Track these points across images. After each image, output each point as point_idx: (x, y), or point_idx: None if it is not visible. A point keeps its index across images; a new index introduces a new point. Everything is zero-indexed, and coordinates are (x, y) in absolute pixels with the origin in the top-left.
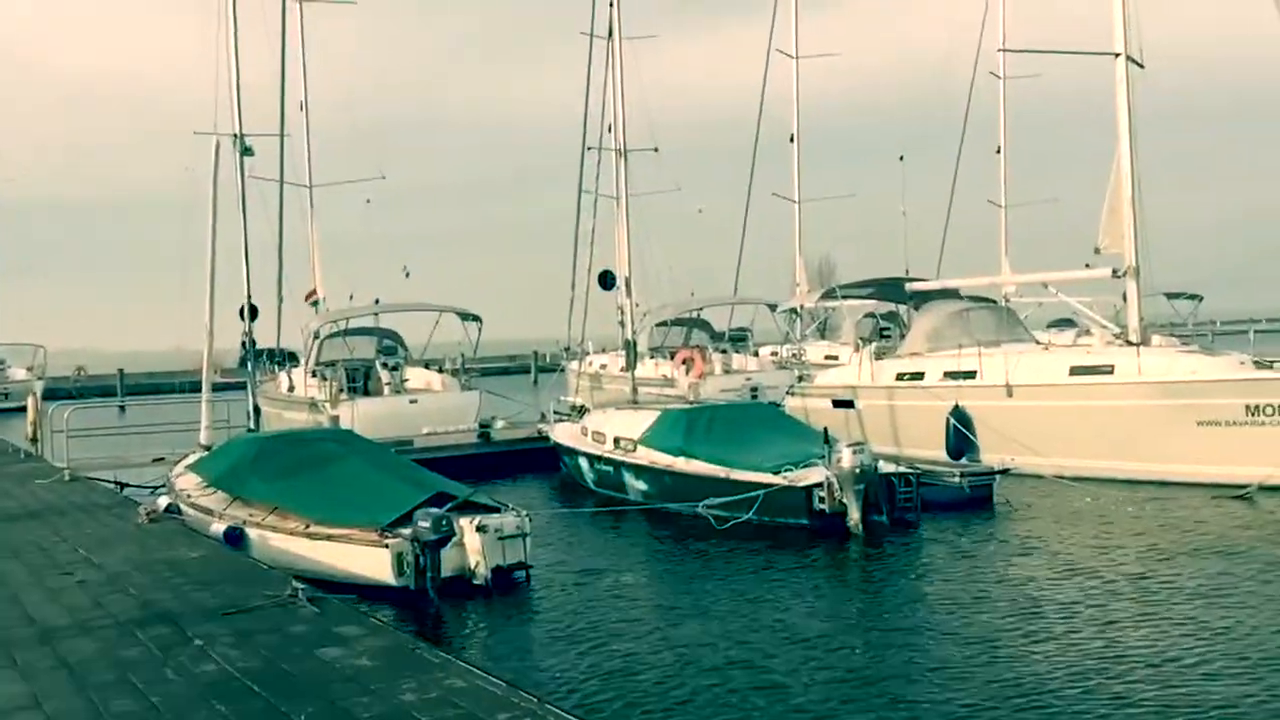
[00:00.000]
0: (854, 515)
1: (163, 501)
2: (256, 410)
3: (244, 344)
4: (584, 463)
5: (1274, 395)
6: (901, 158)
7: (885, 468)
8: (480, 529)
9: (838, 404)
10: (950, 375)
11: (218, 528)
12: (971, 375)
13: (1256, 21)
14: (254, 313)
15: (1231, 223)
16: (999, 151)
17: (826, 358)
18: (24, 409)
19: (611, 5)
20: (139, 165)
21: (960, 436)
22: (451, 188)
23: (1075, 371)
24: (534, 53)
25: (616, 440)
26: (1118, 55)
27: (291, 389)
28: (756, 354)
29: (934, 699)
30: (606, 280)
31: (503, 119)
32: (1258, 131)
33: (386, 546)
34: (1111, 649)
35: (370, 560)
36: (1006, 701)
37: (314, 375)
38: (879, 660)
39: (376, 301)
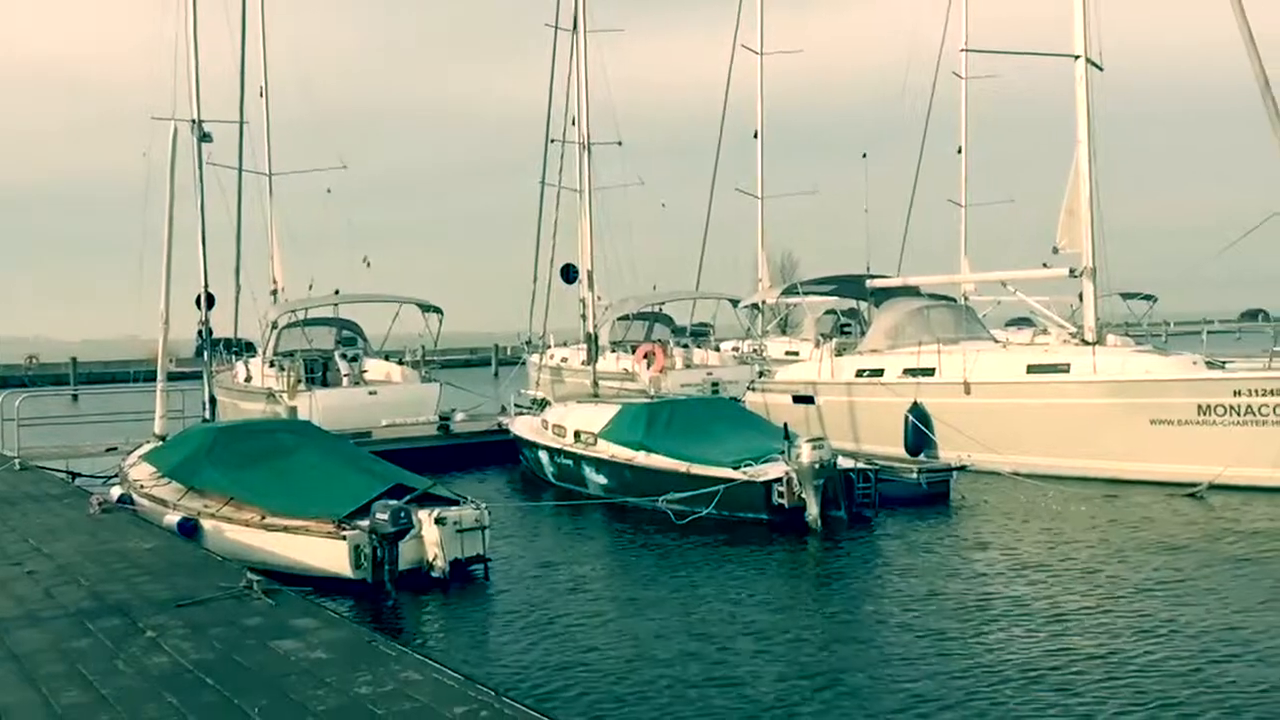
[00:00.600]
0: (813, 510)
1: (115, 492)
2: (212, 400)
3: (200, 333)
4: (544, 456)
5: (1225, 395)
6: (864, 155)
7: (844, 463)
8: (439, 521)
9: (798, 399)
10: (909, 372)
11: (171, 518)
12: (930, 372)
13: (1213, 27)
14: (211, 301)
15: (1185, 224)
16: (960, 151)
17: (787, 353)
18: None
19: None
20: (92, 151)
21: (919, 433)
22: (414, 178)
23: (1032, 370)
24: (498, 45)
25: (577, 434)
26: (1077, 57)
27: (248, 379)
28: (718, 349)
29: (884, 689)
30: (569, 273)
31: (466, 110)
32: (1211, 135)
33: (344, 538)
34: (1058, 641)
35: (327, 552)
36: (955, 690)
37: (271, 365)
38: (832, 652)
39: (336, 292)
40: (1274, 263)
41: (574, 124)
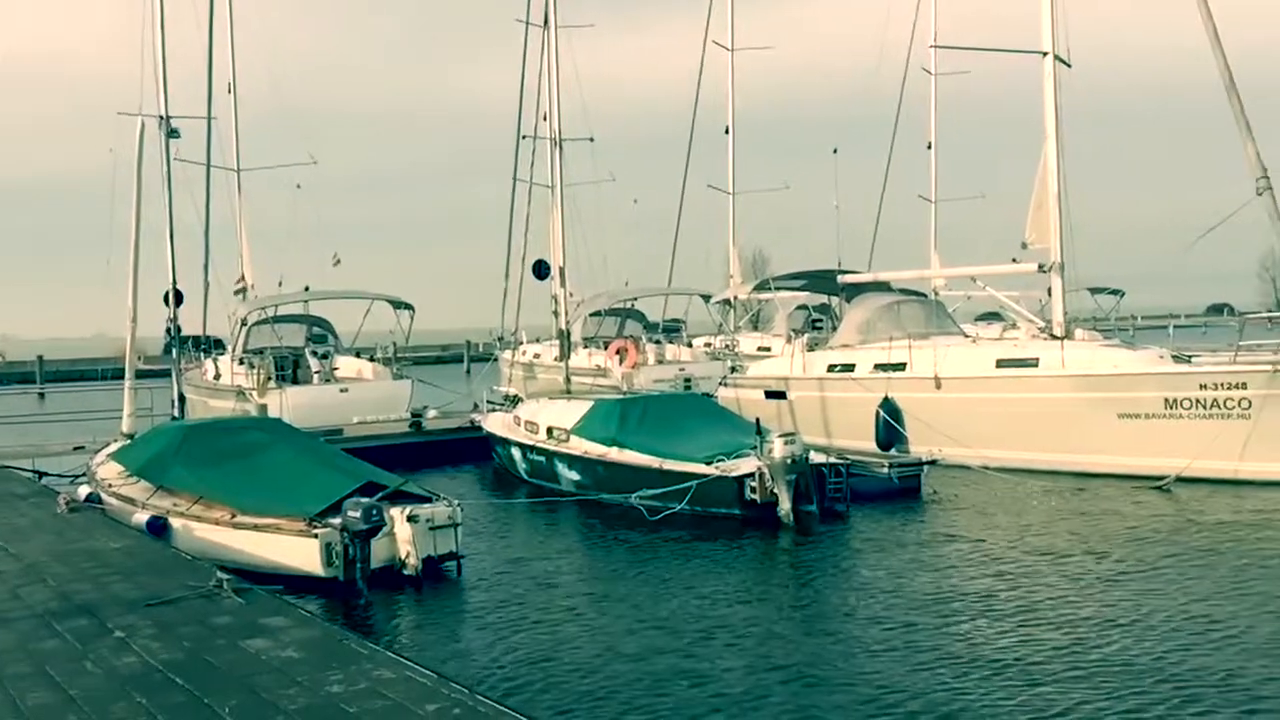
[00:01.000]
0: (785, 505)
1: (83, 490)
2: (181, 398)
3: (169, 330)
4: (516, 453)
5: (1191, 389)
6: (835, 151)
7: (816, 458)
8: (411, 519)
9: (770, 395)
10: (880, 367)
11: (140, 517)
12: (901, 367)
13: (1180, 25)
14: (179, 298)
15: (1151, 220)
16: (930, 147)
17: (759, 349)
18: None
19: None
20: (59, 147)
21: (890, 428)
22: (384, 174)
23: (1002, 364)
24: (470, 40)
25: (549, 430)
26: (1045, 54)
27: (218, 377)
28: (690, 345)
29: (851, 681)
30: (540, 270)
31: (437, 106)
32: (1177, 133)
33: (315, 536)
34: (1024, 631)
35: (298, 550)
36: (922, 680)
37: (241, 363)
38: (801, 645)
39: (306, 289)
40: (1239, 258)
41: (545, 120)
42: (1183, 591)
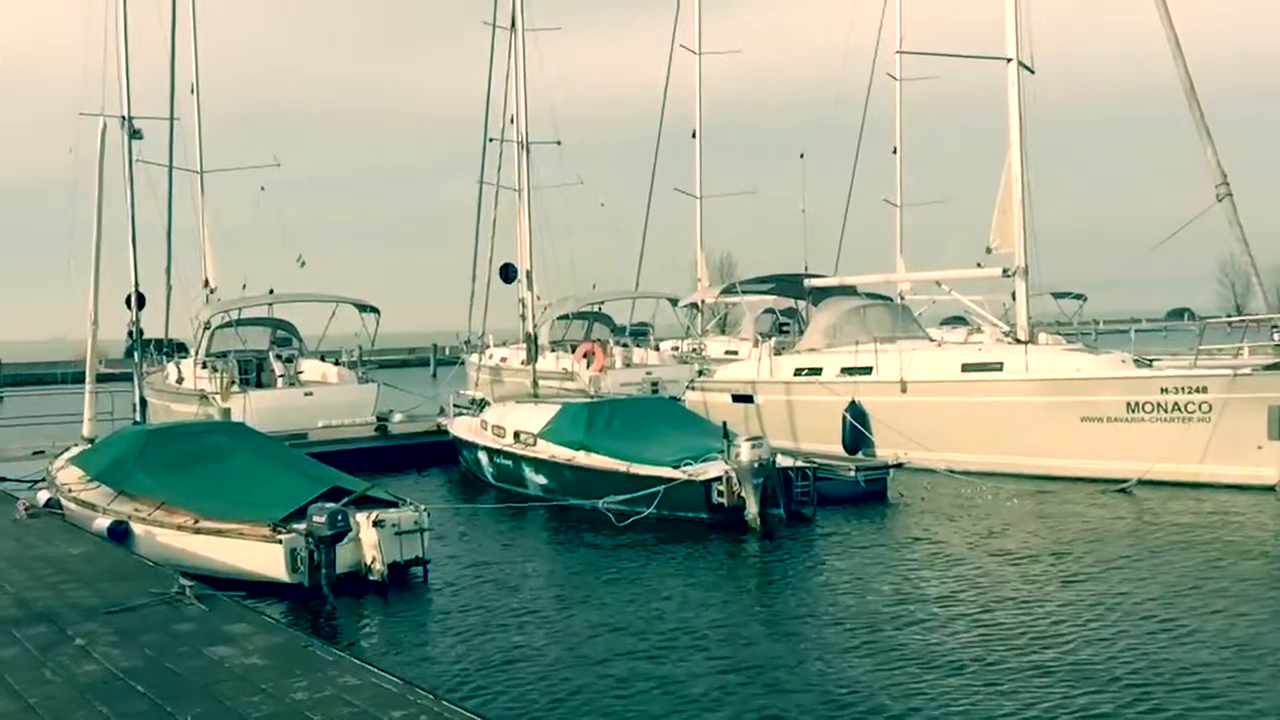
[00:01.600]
0: (752, 509)
1: (42, 496)
2: (143, 402)
3: (131, 334)
4: (483, 457)
5: (1152, 393)
6: (802, 155)
7: (783, 462)
8: (377, 524)
9: (737, 398)
10: (847, 371)
11: (101, 523)
12: (867, 371)
13: (1142, 31)
14: (141, 301)
15: (1113, 224)
16: (895, 152)
17: (726, 352)
18: None
19: None
20: (19, 147)
21: (856, 431)
22: (350, 177)
23: (966, 368)
24: (437, 43)
25: (516, 434)
26: (1009, 60)
27: (180, 380)
28: (657, 348)
29: (812, 682)
30: (507, 273)
31: (404, 108)
32: (1139, 136)
33: (280, 542)
34: (981, 630)
35: (262, 556)
36: (880, 680)
37: (204, 366)
38: (762, 647)
39: (271, 292)
40: (1199, 263)
41: (512, 123)
42: (1138, 591)
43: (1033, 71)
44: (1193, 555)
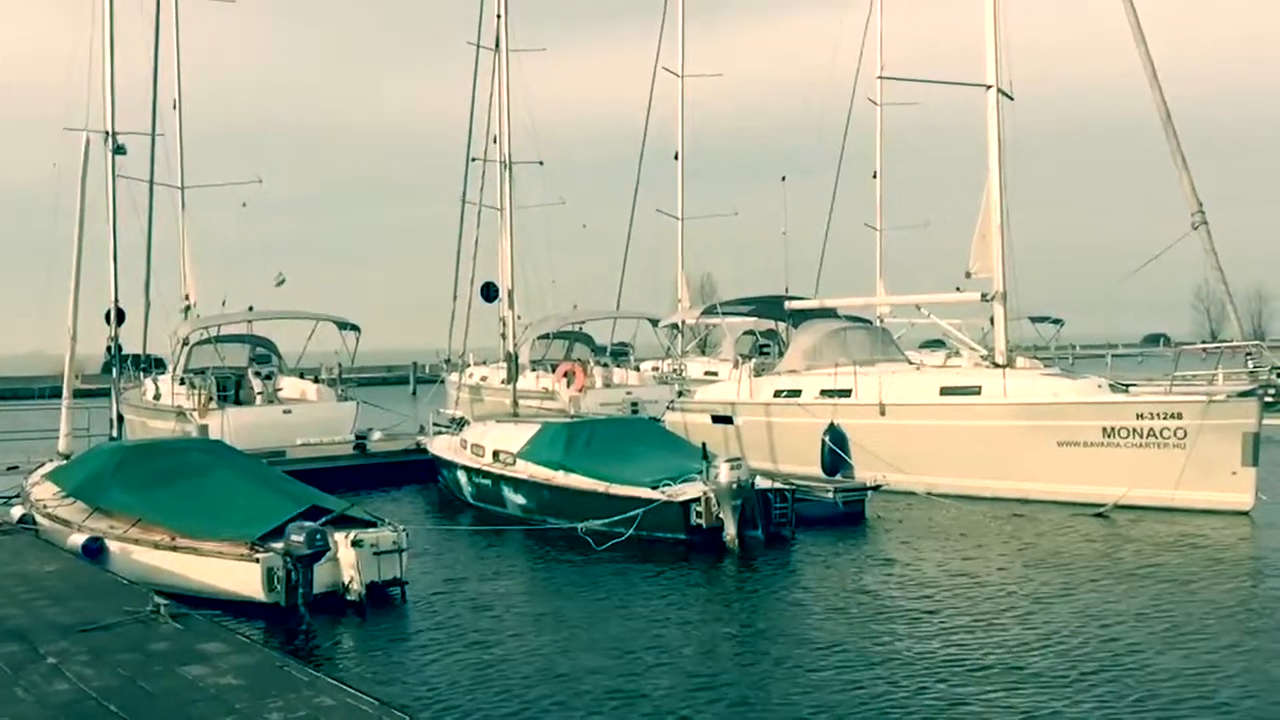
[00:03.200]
0: (730, 530)
1: (16, 512)
2: (120, 418)
3: (109, 349)
4: (462, 476)
5: (1128, 419)
6: (784, 178)
7: (762, 483)
8: (355, 544)
9: (717, 419)
10: (826, 393)
11: (76, 540)
12: (847, 393)
13: (1119, 59)
14: (121, 317)
15: (1090, 249)
16: (875, 176)
17: (706, 373)
18: None
19: (499, 17)
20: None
21: (835, 453)
22: (332, 195)
23: (945, 392)
24: (421, 63)
25: (496, 453)
26: (989, 87)
27: (158, 397)
28: (638, 368)
29: (783, 701)
30: (489, 292)
31: (386, 127)
32: (1116, 163)
33: (257, 561)
34: (951, 651)
35: (239, 575)
36: (852, 699)
37: (182, 383)
38: (736, 667)
39: (250, 308)
40: (1175, 289)
41: (495, 143)
42: (1113, 613)
43: (1011, 98)
44: (1159, 579)
